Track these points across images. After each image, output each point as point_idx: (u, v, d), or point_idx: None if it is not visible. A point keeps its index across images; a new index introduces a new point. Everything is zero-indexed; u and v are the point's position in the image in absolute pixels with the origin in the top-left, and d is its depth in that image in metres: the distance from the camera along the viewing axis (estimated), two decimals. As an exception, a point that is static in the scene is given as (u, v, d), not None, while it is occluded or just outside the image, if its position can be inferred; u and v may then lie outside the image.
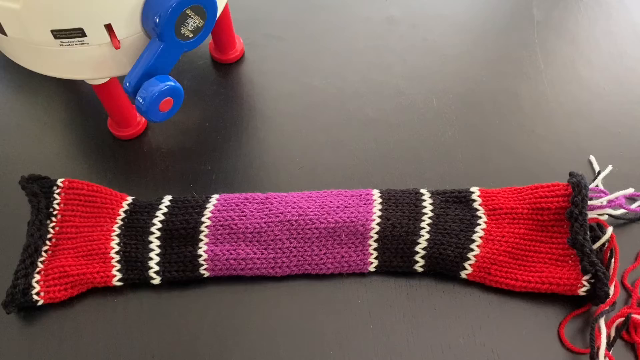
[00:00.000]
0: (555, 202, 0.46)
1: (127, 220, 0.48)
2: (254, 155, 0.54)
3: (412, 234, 0.46)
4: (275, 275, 0.47)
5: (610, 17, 0.63)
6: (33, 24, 0.41)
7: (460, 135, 0.55)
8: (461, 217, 0.47)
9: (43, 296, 0.45)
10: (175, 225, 0.47)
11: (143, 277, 0.46)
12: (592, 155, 0.52)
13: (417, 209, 0.48)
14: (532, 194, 0.47)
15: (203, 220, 0.48)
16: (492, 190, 0.49)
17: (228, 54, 0.61)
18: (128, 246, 0.47)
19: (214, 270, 0.46)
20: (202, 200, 0.49)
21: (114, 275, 0.46)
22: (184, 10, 0.42)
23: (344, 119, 0.57)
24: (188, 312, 0.45)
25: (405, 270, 0.46)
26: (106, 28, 0.42)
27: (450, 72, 0.60)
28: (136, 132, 0.56)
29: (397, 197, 0.49)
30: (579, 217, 0.44)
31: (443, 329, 0.44)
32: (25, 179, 0.49)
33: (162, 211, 0.48)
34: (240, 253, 0.46)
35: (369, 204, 0.48)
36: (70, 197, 0.49)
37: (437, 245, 0.46)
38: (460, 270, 0.45)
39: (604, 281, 0.42)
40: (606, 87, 0.57)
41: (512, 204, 0.47)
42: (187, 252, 0.47)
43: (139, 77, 0.44)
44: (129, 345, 0.44)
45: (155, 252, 0.47)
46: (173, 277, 0.46)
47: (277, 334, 0.44)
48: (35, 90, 0.61)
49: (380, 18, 0.65)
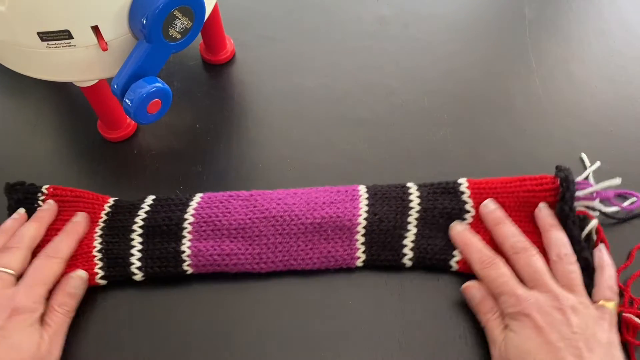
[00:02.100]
0: (543, 198, 0.46)
1: (108, 221, 0.48)
2: (244, 156, 0.54)
3: (400, 227, 0.46)
4: (260, 271, 0.46)
5: (601, 16, 0.63)
6: (19, 26, 0.41)
7: (452, 135, 0.54)
8: (449, 210, 0.47)
9: None
10: (157, 222, 0.47)
11: (125, 273, 0.46)
12: (584, 153, 0.52)
13: (404, 202, 0.48)
14: (519, 187, 0.47)
15: (186, 217, 0.47)
16: (480, 181, 0.48)
17: (219, 55, 0.61)
18: (110, 244, 0.47)
19: (197, 266, 0.46)
20: (185, 199, 0.49)
21: (96, 273, 0.46)
22: (172, 11, 0.41)
23: (336, 119, 0.56)
24: (172, 312, 0.45)
25: (394, 264, 0.46)
26: (93, 30, 0.42)
27: (442, 71, 0.60)
28: (126, 134, 0.55)
29: (383, 191, 0.48)
30: (570, 214, 0.44)
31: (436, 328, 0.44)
32: (9, 186, 0.49)
33: (145, 209, 0.48)
34: (224, 249, 0.46)
35: (355, 199, 0.48)
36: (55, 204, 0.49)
37: (424, 237, 0.46)
38: (450, 260, 0.45)
39: (591, 273, 0.42)
40: (598, 86, 0.57)
41: (500, 199, 0.47)
42: (170, 248, 0.46)
43: (126, 79, 0.43)
44: (113, 346, 0.44)
45: (137, 249, 0.47)
46: (155, 273, 0.46)
47: (264, 333, 0.44)
48: (24, 92, 0.61)
49: (372, 18, 0.65)
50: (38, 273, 0.44)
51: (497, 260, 0.43)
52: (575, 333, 0.38)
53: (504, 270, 0.43)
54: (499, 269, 0.43)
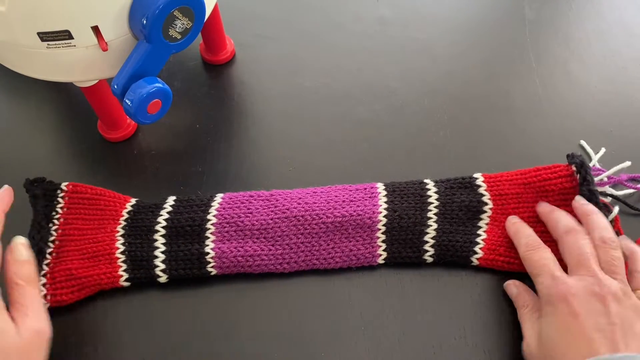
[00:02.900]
0: (559, 184, 0.46)
1: (130, 221, 0.48)
2: (245, 156, 0.54)
3: (420, 224, 0.47)
4: (284, 272, 0.46)
5: (601, 16, 0.63)
6: (19, 26, 0.41)
7: (452, 135, 0.54)
8: (467, 204, 0.47)
9: (49, 299, 0.45)
10: (180, 222, 0.47)
11: (149, 275, 0.46)
12: (584, 154, 0.52)
13: (423, 198, 0.48)
14: (535, 177, 0.47)
15: (209, 217, 0.47)
16: (495, 175, 0.49)
17: (219, 55, 0.61)
18: (133, 245, 0.47)
19: (221, 267, 0.46)
20: (206, 199, 0.49)
21: (120, 276, 0.46)
22: (172, 11, 0.41)
23: (336, 119, 0.56)
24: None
25: (415, 260, 0.46)
26: (93, 30, 0.42)
27: (442, 72, 0.60)
28: (126, 134, 0.55)
29: (401, 188, 0.49)
30: (593, 196, 0.44)
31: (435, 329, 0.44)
32: (29, 182, 0.48)
33: (167, 210, 0.48)
34: (247, 250, 0.46)
35: (374, 197, 0.48)
36: (74, 201, 0.49)
37: (445, 233, 0.46)
38: (471, 256, 0.46)
39: None
40: (598, 86, 0.57)
41: (517, 190, 0.47)
42: (194, 249, 0.46)
43: (126, 79, 0.43)
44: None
45: (161, 250, 0.47)
46: (180, 275, 0.46)
47: (265, 334, 0.44)
48: (25, 93, 0.61)
49: (372, 18, 0.65)
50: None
51: (542, 246, 0.44)
52: (613, 324, 0.36)
53: (547, 254, 0.43)
54: (543, 252, 0.43)
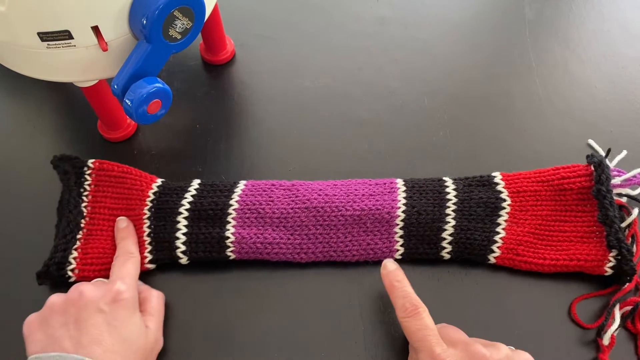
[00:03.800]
0: (578, 183, 0.47)
1: (156, 202, 0.49)
2: (244, 156, 0.54)
3: (438, 220, 0.47)
4: (300, 261, 0.47)
5: (601, 16, 0.63)
6: (19, 26, 0.41)
7: (452, 135, 0.54)
8: (485, 201, 0.47)
9: (77, 273, 0.46)
10: (203, 206, 0.48)
11: (171, 257, 0.47)
12: (585, 154, 0.52)
13: (441, 195, 0.48)
14: (553, 175, 0.48)
15: (231, 203, 0.48)
16: (513, 174, 0.49)
17: (219, 55, 0.61)
18: (157, 228, 0.48)
19: (240, 252, 0.46)
20: (230, 185, 0.50)
21: (146, 257, 0.47)
22: (172, 11, 0.41)
23: (336, 119, 0.56)
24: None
25: (432, 257, 0.47)
26: (93, 30, 0.42)
27: (442, 72, 0.60)
28: (126, 134, 0.55)
29: (420, 184, 0.49)
30: (607, 195, 0.45)
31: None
32: (57, 158, 0.49)
33: (191, 193, 0.49)
34: (267, 237, 0.47)
35: (393, 192, 0.48)
36: (102, 179, 0.49)
37: (463, 230, 0.46)
38: (489, 254, 0.46)
39: (627, 257, 0.43)
40: (598, 86, 0.57)
41: (535, 187, 0.48)
42: (215, 233, 0.47)
43: (126, 79, 0.43)
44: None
45: (182, 232, 0.47)
46: (199, 258, 0.47)
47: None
48: (24, 92, 0.61)
49: (372, 18, 0.65)
50: (122, 268, 0.44)
51: (421, 310, 0.39)
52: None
53: (426, 322, 0.39)
54: (421, 320, 0.39)
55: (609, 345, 0.42)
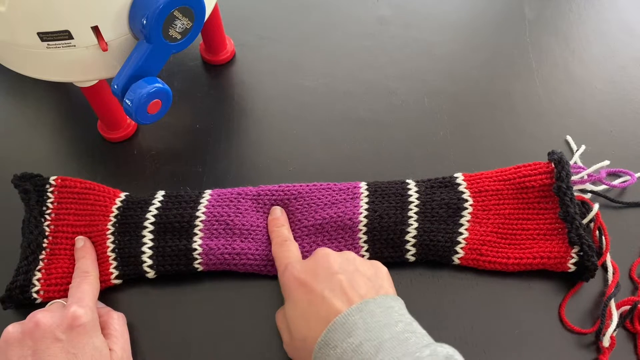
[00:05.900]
0: (539, 180, 0.47)
1: (120, 217, 0.48)
2: (245, 156, 0.54)
3: (401, 223, 0.47)
4: (268, 274, 0.46)
5: (601, 16, 0.63)
6: (19, 26, 0.41)
7: (452, 135, 0.54)
8: (447, 202, 0.47)
9: (42, 295, 0.45)
10: (169, 219, 0.47)
11: (138, 271, 0.46)
12: (585, 153, 0.52)
13: (404, 198, 0.48)
14: (515, 174, 0.48)
15: (197, 214, 0.48)
16: (475, 174, 0.49)
17: (219, 55, 0.61)
18: (122, 243, 0.47)
19: (207, 264, 0.46)
20: (195, 195, 0.49)
21: (111, 273, 0.46)
22: (172, 11, 0.41)
23: (336, 119, 0.56)
24: (181, 310, 0.46)
25: (397, 260, 0.46)
26: (93, 30, 0.42)
27: (442, 71, 0.60)
28: (126, 134, 0.55)
29: (383, 188, 0.49)
30: (567, 191, 0.45)
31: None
32: (17, 177, 0.48)
33: (156, 206, 0.48)
34: (235, 248, 0.46)
35: (356, 198, 0.48)
36: (64, 196, 0.49)
37: (426, 232, 0.46)
38: (452, 255, 0.46)
39: (589, 253, 0.43)
40: (598, 86, 0.57)
41: (497, 186, 0.48)
42: (182, 245, 0.46)
43: (126, 80, 0.43)
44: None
45: (148, 246, 0.47)
46: (167, 271, 0.46)
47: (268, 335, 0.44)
48: (24, 93, 0.61)
49: (372, 18, 0.65)
50: (77, 290, 0.43)
51: (288, 242, 0.46)
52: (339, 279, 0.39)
53: (291, 247, 0.45)
54: (287, 246, 0.45)
55: (609, 347, 0.42)
